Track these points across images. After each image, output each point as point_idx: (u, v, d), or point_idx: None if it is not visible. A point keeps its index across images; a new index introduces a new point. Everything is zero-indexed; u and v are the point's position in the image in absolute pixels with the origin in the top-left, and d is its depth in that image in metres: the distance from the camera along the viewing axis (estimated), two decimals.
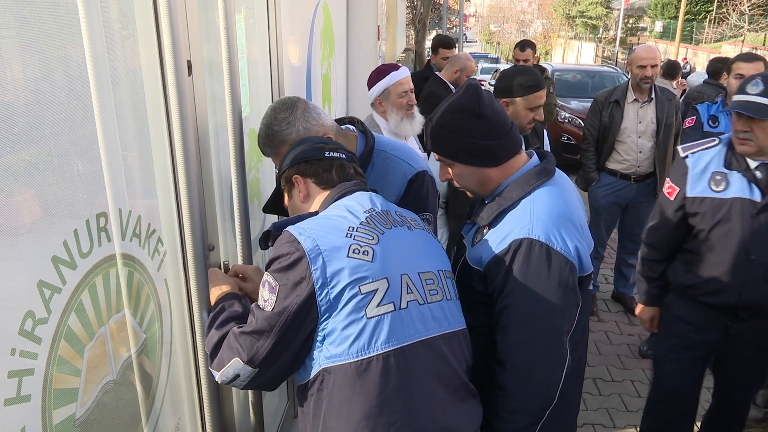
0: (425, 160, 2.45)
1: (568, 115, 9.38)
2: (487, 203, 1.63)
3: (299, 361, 1.36)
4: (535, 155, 1.67)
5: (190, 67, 1.42)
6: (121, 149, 1.28)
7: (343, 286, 1.28)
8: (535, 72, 2.75)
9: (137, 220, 1.36)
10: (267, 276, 1.35)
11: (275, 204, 1.70)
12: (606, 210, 4.43)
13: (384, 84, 2.96)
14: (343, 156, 1.58)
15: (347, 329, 1.28)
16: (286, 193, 1.62)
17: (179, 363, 1.62)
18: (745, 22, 25.98)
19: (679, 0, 28.39)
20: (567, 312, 1.50)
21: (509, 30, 52.82)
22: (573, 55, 41.07)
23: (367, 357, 1.27)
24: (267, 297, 1.33)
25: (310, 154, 1.56)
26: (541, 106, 2.72)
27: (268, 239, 1.46)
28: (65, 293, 1.09)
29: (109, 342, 1.27)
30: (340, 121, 2.03)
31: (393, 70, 2.98)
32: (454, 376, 1.39)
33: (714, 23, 29.08)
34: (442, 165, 1.66)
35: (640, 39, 34.17)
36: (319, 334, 1.31)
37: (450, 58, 4.87)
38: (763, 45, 21.18)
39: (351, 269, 1.29)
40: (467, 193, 1.72)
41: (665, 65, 6.62)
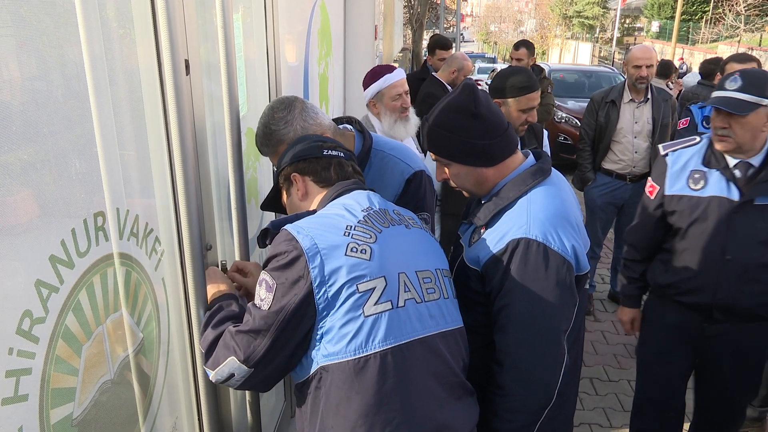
0: (422, 160, 2.44)
1: (564, 115, 9.41)
2: (484, 203, 1.63)
3: (294, 361, 1.36)
4: (531, 155, 1.68)
5: (187, 67, 1.41)
6: (119, 148, 1.28)
7: (341, 284, 1.28)
8: (529, 73, 2.72)
9: (135, 219, 1.35)
10: (264, 274, 1.35)
11: (273, 201, 1.70)
12: (602, 210, 4.44)
13: (377, 86, 2.94)
14: (341, 154, 1.59)
15: (345, 327, 1.28)
16: (284, 191, 1.62)
17: (176, 362, 1.62)
18: (741, 22, 26.06)
19: (676, 0, 28.45)
20: (565, 311, 1.51)
21: (506, 30, 52.86)
22: (570, 55, 41.12)
23: (365, 355, 1.28)
24: (264, 296, 1.33)
25: (308, 152, 1.56)
26: (534, 108, 2.69)
27: (266, 237, 1.46)
28: (63, 292, 1.09)
29: (107, 341, 1.27)
30: (337, 121, 2.03)
31: (387, 72, 2.94)
32: (451, 374, 1.40)
33: (710, 23, 29.16)
34: (438, 165, 1.67)
35: (636, 39, 34.26)
36: (317, 332, 1.31)
37: (447, 58, 4.88)
38: (759, 45, 21.25)
39: (349, 268, 1.29)
40: (462, 192, 1.73)
41: (659, 65, 6.64)
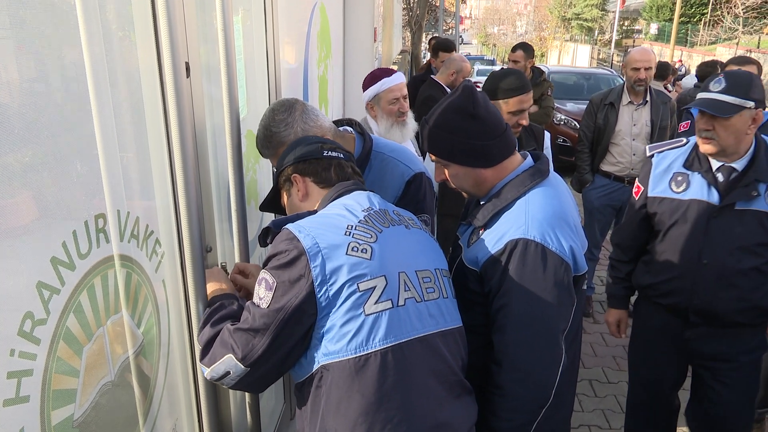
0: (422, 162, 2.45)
1: (563, 117, 9.41)
2: (483, 204, 1.64)
3: (290, 362, 1.36)
4: (530, 156, 1.69)
5: (188, 69, 1.42)
6: (119, 150, 1.28)
7: (342, 283, 1.29)
8: (520, 75, 2.69)
9: (135, 221, 1.36)
10: (264, 273, 1.35)
11: (272, 203, 1.71)
12: (599, 212, 4.45)
13: (375, 90, 2.94)
14: (341, 155, 1.59)
15: (345, 326, 1.28)
16: (284, 192, 1.63)
17: (176, 364, 1.62)
18: (740, 24, 26.11)
19: (674, 3, 28.51)
20: (563, 311, 1.52)
21: (505, 32, 52.93)
22: (568, 58, 41.19)
23: (365, 353, 1.28)
24: (263, 294, 1.33)
25: (309, 153, 1.57)
26: (525, 110, 2.66)
27: (267, 236, 1.47)
28: (64, 294, 1.09)
29: (107, 343, 1.27)
30: (338, 123, 2.04)
31: (386, 75, 2.94)
32: (450, 372, 1.41)
33: (709, 26, 29.21)
34: (437, 165, 1.68)
35: (635, 41, 34.29)
36: (318, 331, 1.31)
37: (445, 60, 4.89)
38: (758, 48, 21.28)
39: (350, 267, 1.30)
40: (461, 193, 1.74)
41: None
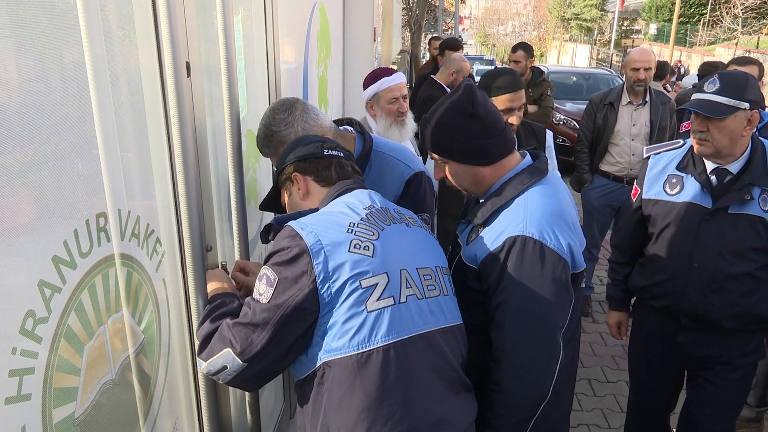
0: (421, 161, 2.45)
1: (563, 117, 9.42)
2: (482, 202, 1.65)
3: (288, 361, 1.36)
4: (528, 155, 1.69)
5: (188, 68, 1.42)
6: (120, 150, 1.28)
7: (344, 280, 1.29)
8: (512, 75, 2.68)
9: (136, 220, 1.36)
10: (266, 269, 1.35)
11: (272, 202, 1.71)
12: (598, 212, 4.45)
13: (374, 89, 2.95)
14: (342, 154, 1.60)
15: (348, 323, 1.29)
16: (285, 191, 1.63)
17: (177, 363, 1.62)
18: (739, 25, 26.14)
19: (673, 3, 28.53)
20: (560, 308, 1.52)
21: (505, 32, 52.96)
22: (568, 58, 41.22)
23: (368, 350, 1.29)
24: (264, 290, 1.33)
25: (309, 152, 1.58)
26: (515, 109, 2.65)
27: (269, 233, 1.47)
28: (65, 293, 1.10)
29: (108, 342, 1.27)
30: (338, 122, 2.04)
31: (386, 75, 2.95)
32: (450, 369, 1.41)
33: (708, 26, 29.23)
34: (437, 163, 1.69)
35: (634, 41, 34.31)
36: (320, 328, 1.32)
37: (445, 60, 4.89)
38: (757, 48, 21.30)
39: (352, 264, 1.31)
40: (461, 194, 1.74)
41: None
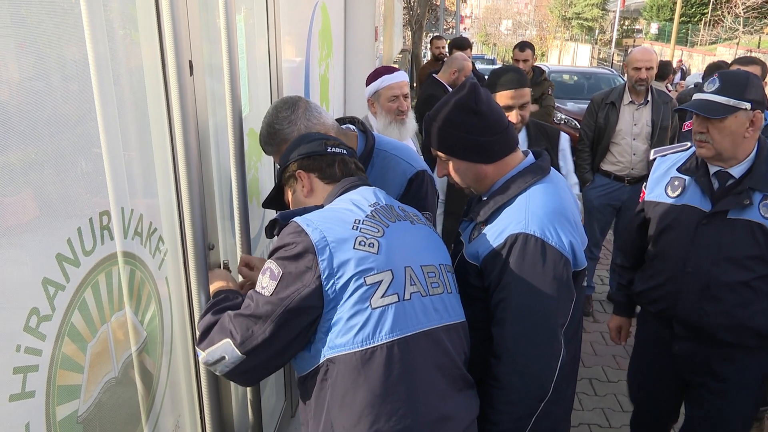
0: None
1: (564, 117, 9.41)
2: (484, 200, 1.65)
3: (287, 356, 1.36)
4: (531, 154, 1.70)
5: (191, 67, 1.42)
6: (123, 148, 1.29)
7: (349, 276, 1.30)
8: (516, 72, 2.67)
9: (139, 218, 1.37)
10: (270, 263, 1.35)
11: (275, 200, 1.71)
12: (599, 211, 4.45)
13: (375, 86, 2.96)
14: (345, 151, 1.61)
15: (352, 319, 1.29)
16: (288, 189, 1.63)
17: (179, 361, 1.63)
18: (740, 24, 26.10)
19: (675, 2, 28.50)
20: (561, 305, 1.53)
21: (506, 31, 52.93)
22: (569, 57, 41.18)
23: (372, 346, 1.29)
24: (267, 283, 1.33)
25: (313, 149, 1.58)
26: (514, 107, 2.63)
27: (274, 228, 1.47)
28: (69, 291, 1.10)
29: (111, 339, 1.28)
30: (340, 121, 2.04)
31: (387, 73, 2.95)
32: (453, 366, 1.42)
33: (709, 26, 29.19)
34: (439, 161, 1.69)
35: (635, 41, 34.29)
36: (324, 324, 1.32)
37: (447, 59, 4.89)
38: (758, 47, 21.28)
39: (357, 260, 1.31)
40: (465, 191, 1.74)
41: None
